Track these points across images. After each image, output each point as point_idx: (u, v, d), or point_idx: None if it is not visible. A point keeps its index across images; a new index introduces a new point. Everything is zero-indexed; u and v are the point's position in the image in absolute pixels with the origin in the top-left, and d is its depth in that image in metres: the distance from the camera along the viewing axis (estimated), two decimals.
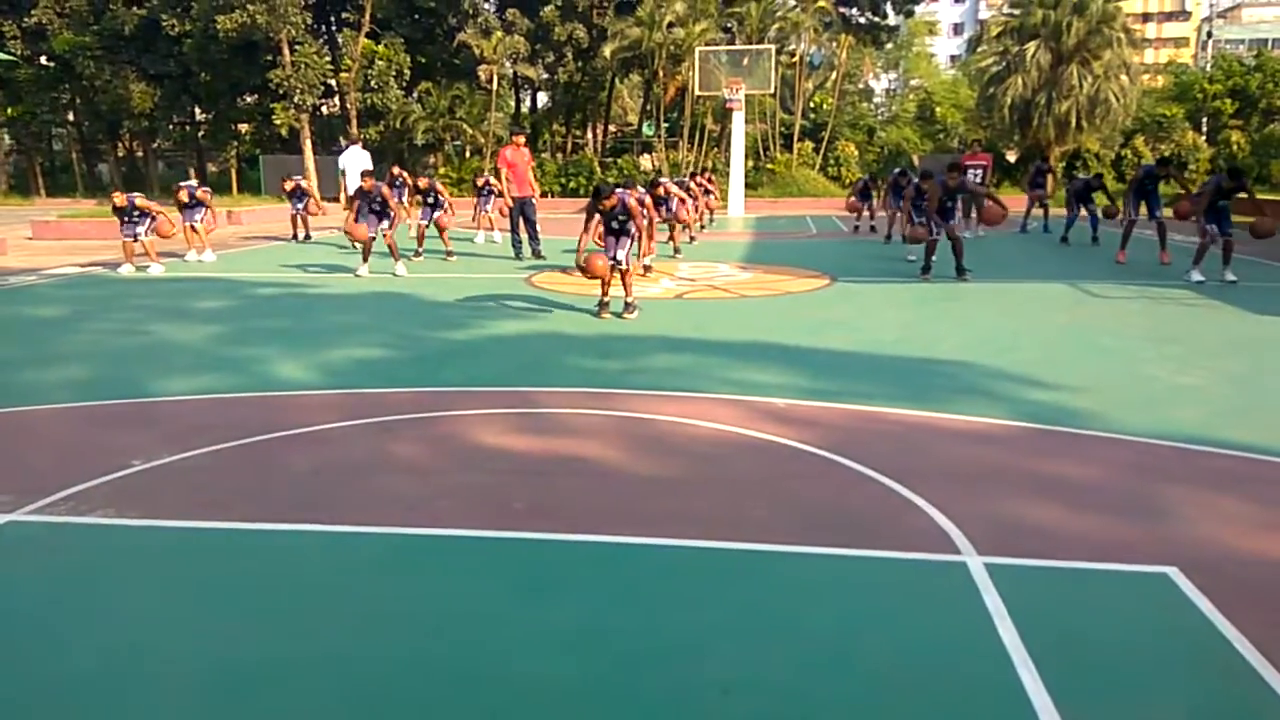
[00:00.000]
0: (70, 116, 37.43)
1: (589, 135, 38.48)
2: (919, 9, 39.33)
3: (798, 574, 3.33)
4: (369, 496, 4.10)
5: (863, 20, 34.36)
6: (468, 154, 33.63)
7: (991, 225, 12.57)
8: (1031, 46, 28.33)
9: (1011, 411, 5.28)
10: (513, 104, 37.99)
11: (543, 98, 38.47)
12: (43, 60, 33.44)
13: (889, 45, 41.32)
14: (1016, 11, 30.00)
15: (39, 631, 2.97)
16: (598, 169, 31.04)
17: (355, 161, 16.77)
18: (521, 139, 13.67)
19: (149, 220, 12.25)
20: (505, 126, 34.11)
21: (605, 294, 8.78)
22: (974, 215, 15.50)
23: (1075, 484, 4.15)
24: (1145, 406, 5.38)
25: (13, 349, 7.52)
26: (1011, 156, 31.67)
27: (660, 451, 4.68)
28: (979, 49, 31.20)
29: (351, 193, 13.68)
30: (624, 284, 8.70)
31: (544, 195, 18.22)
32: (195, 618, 3.05)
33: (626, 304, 8.68)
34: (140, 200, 12.18)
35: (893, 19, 35.80)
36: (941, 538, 3.53)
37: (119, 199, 12.11)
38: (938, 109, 36.47)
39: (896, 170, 17.12)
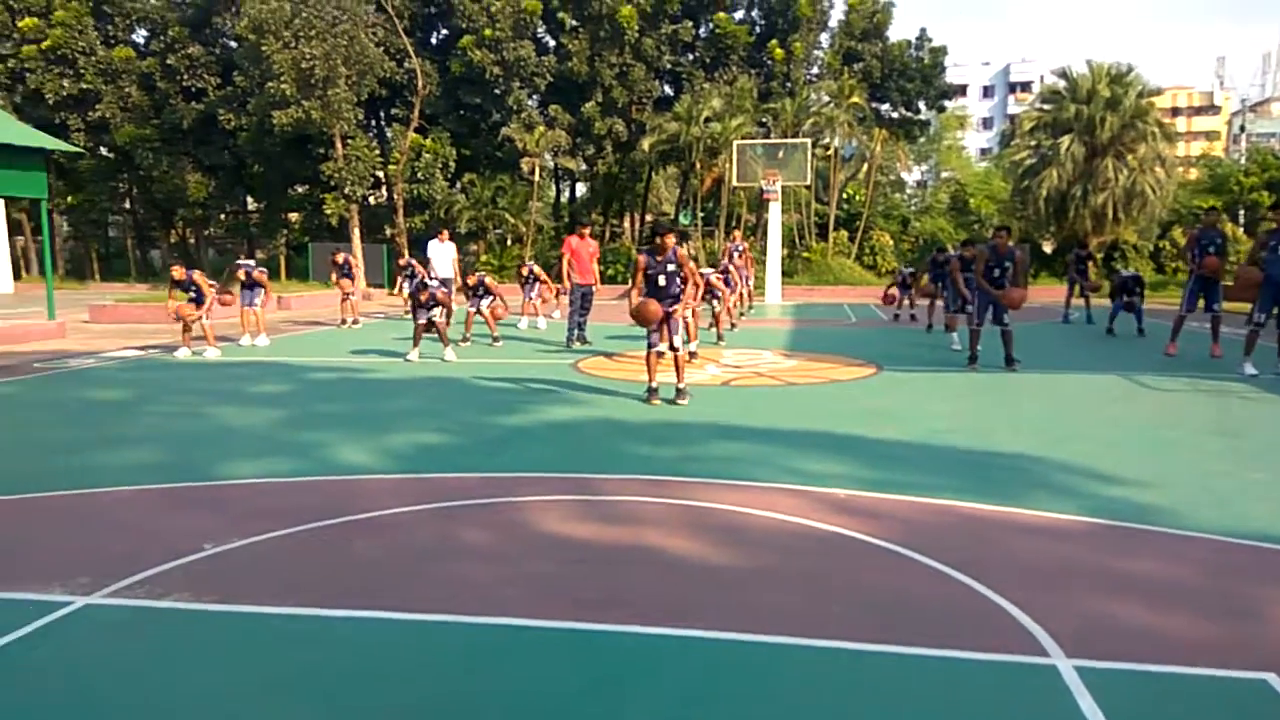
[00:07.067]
0: (127, 205, 38.90)
1: (626, 224, 39.24)
2: (950, 104, 40.15)
3: (879, 674, 3.25)
4: (437, 584, 4.09)
5: (895, 115, 35.10)
6: (509, 242, 34.36)
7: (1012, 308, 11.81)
8: (1066, 140, 28.70)
9: (1079, 506, 5.19)
10: (553, 194, 38.94)
11: (581, 188, 39.44)
12: (104, 151, 34.96)
13: (921, 139, 42.06)
14: (1048, 106, 30.51)
15: (120, 715, 2.97)
16: (635, 257, 31.54)
17: (442, 253, 17.50)
18: (587, 230, 14.26)
19: (205, 302, 12.59)
20: (545, 216, 34.95)
21: (652, 379, 8.83)
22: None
23: (1157, 583, 4.05)
24: (1216, 503, 5.27)
25: (79, 431, 7.68)
26: (1048, 247, 31.80)
27: (726, 541, 4.65)
28: (1013, 142, 31.63)
29: (438, 279, 14.24)
30: (676, 369, 8.76)
31: None
32: (269, 705, 3.04)
33: (678, 390, 8.71)
34: (197, 275, 12.57)
35: (924, 114, 36.55)
36: (1027, 638, 3.45)
37: (178, 272, 12.52)
38: (971, 200, 36.83)
39: (935, 249, 17.22)
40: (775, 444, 6.92)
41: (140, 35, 34.81)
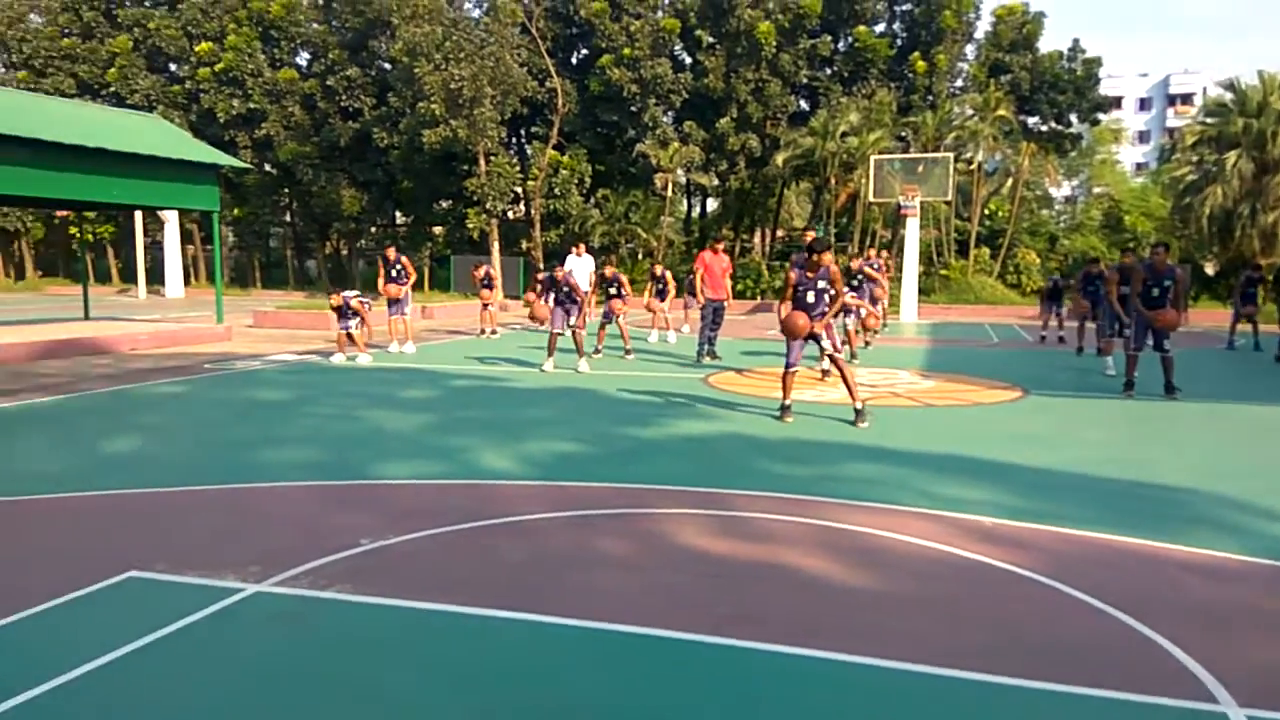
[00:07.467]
0: (287, 217, 41.53)
1: (756, 239, 39.10)
2: (1104, 117, 38.23)
3: (1022, 710, 3.13)
4: (576, 589, 4.20)
5: (1044, 128, 33.71)
6: (640, 256, 34.81)
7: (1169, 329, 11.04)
8: (1232, 156, 26.89)
9: (1245, 546, 4.85)
10: (684, 209, 39.22)
11: (713, 203, 39.57)
12: (267, 167, 37.46)
13: (1072, 153, 40.20)
14: (1213, 120, 28.67)
15: (304, 698, 3.19)
16: (765, 273, 31.40)
17: (581, 266, 17.74)
18: (720, 245, 14.35)
19: (358, 318, 13.34)
20: (676, 230, 35.21)
21: (787, 397, 8.76)
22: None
23: None
24: None
25: (245, 429, 8.26)
26: (1210, 269, 29.81)
27: (861, 564, 4.58)
28: (1173, 158, 29.88)
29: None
30: (849, 390, 8.57)
31: None
32: (426, 696, 3.20)
33: (857, 411, 8.46)
34: (354, 301, 13.30)
35: (1076, 127, 34.93)
36: (1193, 682, 3.26)
37: (335, 300, 13.26)
38: (1126, 217, 34.92)
39: (1089, 261, 16.16)
40: (913, 467, 6.76)
41: (303, 58, 37.24)
